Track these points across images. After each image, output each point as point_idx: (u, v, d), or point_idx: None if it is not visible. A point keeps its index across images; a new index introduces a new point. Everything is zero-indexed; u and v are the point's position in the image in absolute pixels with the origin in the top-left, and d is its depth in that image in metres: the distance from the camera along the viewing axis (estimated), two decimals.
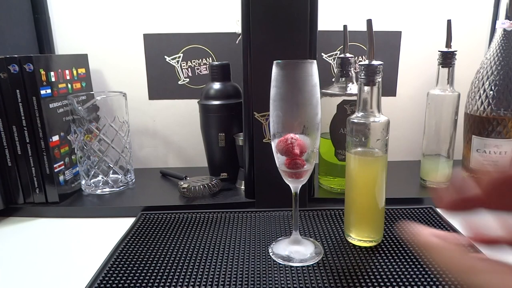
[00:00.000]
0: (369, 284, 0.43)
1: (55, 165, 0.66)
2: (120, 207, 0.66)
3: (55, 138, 0.67)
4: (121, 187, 0.73)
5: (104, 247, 0.52)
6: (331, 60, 0.82)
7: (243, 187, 0.70)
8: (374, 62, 0.46)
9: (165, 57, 0.82)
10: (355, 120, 0.48)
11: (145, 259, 0.49)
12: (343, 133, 0.65)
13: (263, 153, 0.60)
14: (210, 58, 0.82)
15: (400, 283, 0.43)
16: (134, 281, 0.44)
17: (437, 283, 0.42)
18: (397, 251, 0.49)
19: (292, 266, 0.46)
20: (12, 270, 0.49)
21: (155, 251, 0.51)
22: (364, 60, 0.56)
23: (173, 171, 0.78)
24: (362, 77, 0.47)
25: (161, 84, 0.83)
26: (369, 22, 0.47)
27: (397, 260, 0.47)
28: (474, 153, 0.70)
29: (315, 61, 0.44)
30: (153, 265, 0.47)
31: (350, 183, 0.51)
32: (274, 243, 0.52)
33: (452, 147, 0.68)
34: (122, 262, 0.48)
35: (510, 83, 0.66)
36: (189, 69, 0.83)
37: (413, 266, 0.46)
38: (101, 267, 0.47)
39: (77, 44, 0.81)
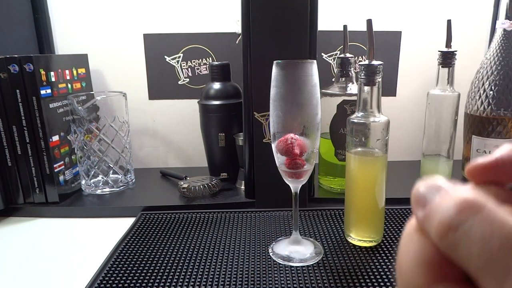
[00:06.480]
0: (369, 284, 0.43)
1: (55, 165, 0.66)
2: (120, 207, 0.66)
3: (55, 138, 0.67)
4: (121, 187, 0.73)
5: (104, 247, 0.52)
6: (331, 60, 0.82)
7: (243, 187, 0.69)
8: (374, 62, 0.46)
9: (165, 57, 0.82)
10: (355, 120, 0.48)
11: (145, 259, 0.49)
12: (343, 133, 0.65)
13: (263, 153, 0.60)
14: (210, 58, 0.82)
15: None
16: (134, 281, 0.44)
17: None
18: (397, 251, 0.49)
19: (292, 266, 0.46)
20: (12, 270, 0.49)
21: (155, 251, 0.51)
22: (364, 60, 0.56)
23: (173, 171, 0.78)
24: (362, 77, 0.47)
25: (161, 84, 0.83)
26: (369, 22, 0.47)
27: None
28: (474, 153, 0.70)
29: (315, 61, 0.44)
30: (153, 265, 0.47)
31: (350, 183, 0.51)
32: (274, 243, 0.52)
33: (452, 147, 0.68)
34: (122, 262, 0.48)
35: (510, 83, 0.66)
36: (189, 69, 0.83)
37: None
38: (101, 267, 0.47)
39: (77, 44, 0.81)
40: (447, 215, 0.13)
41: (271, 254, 0.49)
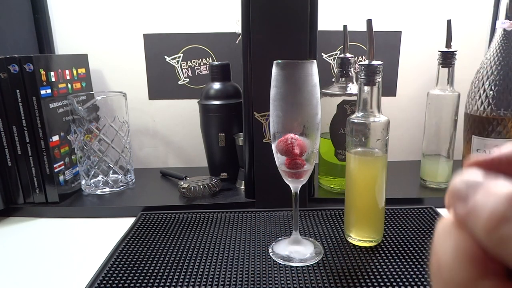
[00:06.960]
0: (369, 284, 0.43)
1: (55, 165, 0.66)
2: (120, 207, 0.66)
3: (55, 138, 0.67)
4: (121, 187, 0.73)
5: (104, 247, 0.52)
6: (331, 60, 0.82)
7: (243, 187, 0.69)
8: (374, 62, 0.46)
9: (165, 57, 0.82)
10: (355, 120, 0.48)
11: (145, 259, 0.49)
12: (343, 133, 0.65)
13: (263, 153, 0.60)
14: (210, 58, 0.82)
15: (400, 283, 0.43)
16: (134, 281, 0.44)
17: None
18: (397, 251, 0.49)
19: (292, 266, 0.46)
20: (12, 270, 0.49)
21: (155, 251, 0.51)
22: (364, 60, 0.56)
23: (173, 171, 0.78)
24: (362, 77, 0.47)
25: (161, 84, 0.83)
26: (369, 22, 0.47)
27: (397, 260, 0.47)
28: (474, 153, 0.70)
29: (315, 61, 0.44)
30: (153, 265, 0.47)
31: (350, 183, 0.51)
32: (274, 243, 0.52)
33: (452, 147, 0.68)
34: (122, 262, 0.48)
35: (510, 83, 0.66)
36: (189, 69, 0.83)
37: (413, 266, 0.46)
38: (101, 267, 0.47)
39: (77, 44, 0.81)
40: (498, 208, 0.12)
41: (271, 254, 0.49)
